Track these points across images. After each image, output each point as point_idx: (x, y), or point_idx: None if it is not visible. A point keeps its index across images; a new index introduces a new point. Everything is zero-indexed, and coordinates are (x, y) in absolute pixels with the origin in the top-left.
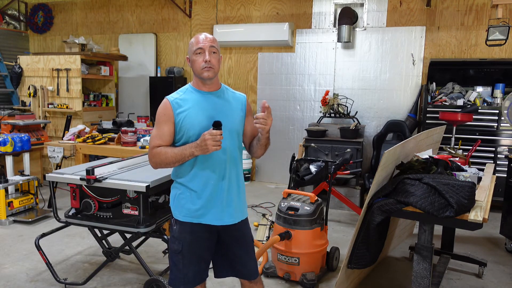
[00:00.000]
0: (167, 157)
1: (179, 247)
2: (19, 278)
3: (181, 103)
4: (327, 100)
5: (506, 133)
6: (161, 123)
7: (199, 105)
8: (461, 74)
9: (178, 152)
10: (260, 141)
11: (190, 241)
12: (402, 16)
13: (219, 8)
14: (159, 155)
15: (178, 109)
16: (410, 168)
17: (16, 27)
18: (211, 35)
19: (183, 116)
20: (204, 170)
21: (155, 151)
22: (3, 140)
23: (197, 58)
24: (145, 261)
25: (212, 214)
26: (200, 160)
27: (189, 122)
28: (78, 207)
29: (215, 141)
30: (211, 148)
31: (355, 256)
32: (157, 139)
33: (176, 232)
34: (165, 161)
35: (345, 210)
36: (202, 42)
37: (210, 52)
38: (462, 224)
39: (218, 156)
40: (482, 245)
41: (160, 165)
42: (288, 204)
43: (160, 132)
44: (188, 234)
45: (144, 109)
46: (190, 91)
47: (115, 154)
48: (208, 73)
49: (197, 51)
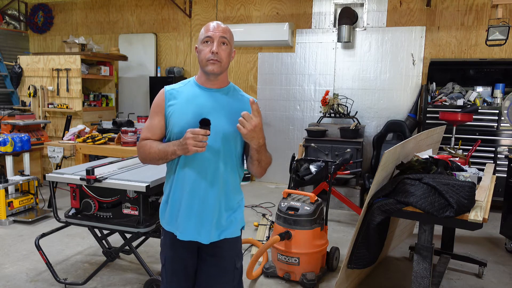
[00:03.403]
0: (150, 152)
1: (163, 261)
2: (19, 278)
3: (176, 94)
4: (327, 100)
5: (506, 133)
6: (152, 114)
7: (193, 101)
8: (461, 74)
9: (161, 149)
10: (251, 156)
11: (171, 257)
12: (402, 16)
13: (219, 8)
14: (145, 148)
15: (170, 100)
16: (410, 168)
17: (16, 27)
18: (225, 25)
19: (172, 110)
20: (188, 173)
21: (142, 143)
22: (3, 140)
23: (204, 47)
24: (145, 261)
25: (191, 227)
26: (183, 161)
27: (175, 117)
28: (78, 207)
29: (197, 141)
30: (191, 148)
31: (355, 256)
32: (147, 131)
33: (161, 242)
34: (149, 157)
35: (345, 210)
36: (212, 30)
37: (220, 43)
38: (462, 224)
39: (208, 159)
40: (482, 245)
41: (145, 160)
42: (288, 204)
43: (150, 124)
44: (169, 248)
45: (144, 109)
46: (190, 84)
47: (115, 154)
48: (213, 66)
49: (205, 39)
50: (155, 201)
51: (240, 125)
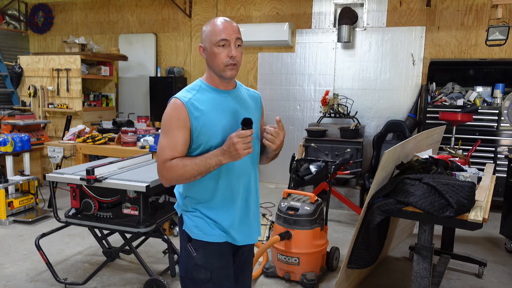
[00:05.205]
0: (186, 170)
1: (208, 275)
2: (19, 278)
3: (197, 104)
4: (327, 100)
5: (506, 133)
6: (173, 130)
7: (218, 107)
8: (461, 74)
9: (200, 163)
10: (268, 154)
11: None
12: (402, 16)
13: (219, 8)
14: (176, 169)
15: (195, 112)
16: (410, 168)
17: (16, 27)
18: (235, 23)
19: (201, 121)
20: (232, 182)
21: (168, 165)
22: (3, 140)
23: (220, 51)
24: (145, 261)
25: (247, 231)
26: (226, 170)
27: (210, 129)
28: (78, 207)
29: (246, 143)
30: (242, 152)
31: (355, 256)
32: (170, 150)
33: (198, 256)
34: (184, 176)
35: (345, 210)
36: (227, 32)
37: (236, 45)
38: (462, 224)
39: (245, 164)
40: (482, 245)
41: (175, 181)
42: (288, 204)
43: (173, 141)
44: (217, 259)
45: (144, 109)
46: (204, 89)
47: (115, 154)
48: (232, 72)
49: (221, 42)
50: (155, 201)
51: (268, 141)
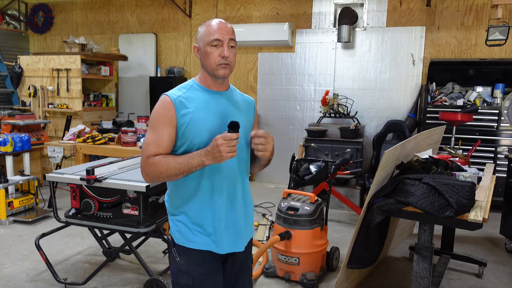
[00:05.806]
0: (168, 168)
1: (190, 282)
2: (19, 278)
3: (186, 102)
4: (327, 100)
5: (506, 133)
6: (159, 126)
7: (208, 106)
8: (461, 74)
9: (183, 162)
10: (261, 161)
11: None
12: (402, 16)
13: (219, 8)
14: (158, 165)
15: (182, 109)
16: (410, 168)
17: (16, 27)
18: (229, 24)
19: (187, 119)
20: (214, 184)
21: (151, 160)
22: (3, 140)
23: (213, 51)
24: (145, 261)
25: (229, 239)
26: (209, 171)
27: (195, 127)
28: (78, 207)
29: (230, 146)
30: (225, 155)
31: (355, 256)
32: (154, 146)
33: (180, 263)
34: (165, 173)
35: (345, 210)
36: (220, 33)
37: (229, 45)
38: (462, 224)
39: (231, 168)
40: (482, 245)
41: (157, 178)
42: (288, 204)
43: (158, 137)
44: (198, 266)
45: (144, 109)
46: (195, 89)
47: (115, 154)
48: (224, 71)
49: (214, 42)
50: (155, 201)
51: (261, 151)
